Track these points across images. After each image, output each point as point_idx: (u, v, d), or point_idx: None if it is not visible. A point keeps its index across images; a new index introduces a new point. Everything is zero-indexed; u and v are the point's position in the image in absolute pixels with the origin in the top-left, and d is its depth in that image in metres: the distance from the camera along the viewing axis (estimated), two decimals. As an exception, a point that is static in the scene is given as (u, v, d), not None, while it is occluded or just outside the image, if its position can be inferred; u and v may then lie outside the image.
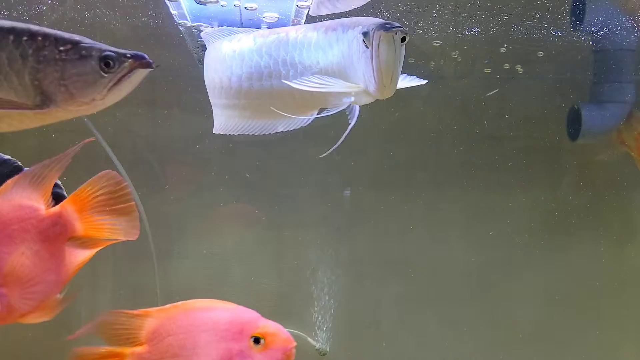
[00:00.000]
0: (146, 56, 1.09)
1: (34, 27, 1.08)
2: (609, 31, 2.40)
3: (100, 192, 1.28)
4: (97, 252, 1.35)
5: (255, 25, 1.77)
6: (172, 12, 1.72)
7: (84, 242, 1.31)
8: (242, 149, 2.56)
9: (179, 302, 1.35)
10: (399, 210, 2.75)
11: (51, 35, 1.08)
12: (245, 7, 1.64)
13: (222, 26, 1.79)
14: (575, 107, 2.58)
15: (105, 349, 1.32)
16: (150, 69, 1.09)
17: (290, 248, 2.72)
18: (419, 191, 2.75)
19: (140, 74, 1.10)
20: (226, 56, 1.40)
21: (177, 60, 2.37)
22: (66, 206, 1.27)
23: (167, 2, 1.66)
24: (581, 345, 2.77)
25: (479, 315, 2.76)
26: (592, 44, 2.50)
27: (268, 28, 1.67)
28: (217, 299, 2.60)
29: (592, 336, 2.77)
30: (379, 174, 2.72)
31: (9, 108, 1.05)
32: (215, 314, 1.36)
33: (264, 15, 1.66)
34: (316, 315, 2.69)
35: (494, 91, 2.69)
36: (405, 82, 1.40)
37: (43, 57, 1.07)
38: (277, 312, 2.66)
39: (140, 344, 1.33)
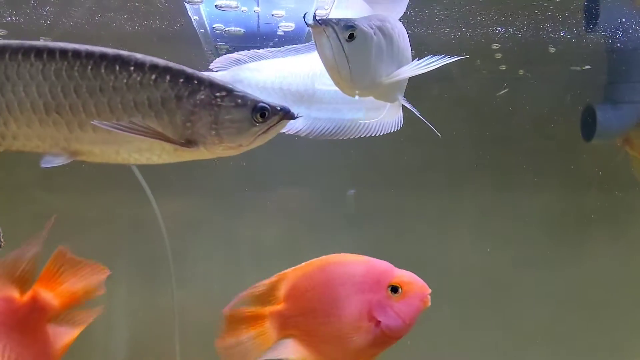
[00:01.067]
0: (291, 109, 1.17)
1: (188, 70, 1.14)
2: (623, 31, 2.40)
3: (63, 268, 1.33)
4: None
5: (272, 30, 1.79)
6: (193, 17, 1.73)
7: (64, 317, 1.33)
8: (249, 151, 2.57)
9: (312, 260, 1.40)
10: (410, 211, 2.76)
11: (205, 79, 1.13)
12: (272, 14, 1.65)
13: (238, 29, 1.81)
14: (590, 107, 2.58)
15: (248, 310, 1.38)
16: (294, 119, 1.19)
17: (302, 251, 2.72)
18: (430, 191, 2.75)
19: (285, 123, 1.17)
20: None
21: (190, 62, 2.37)
22: (37, 289, 1.28)
23: (187, 6, 1.67)
24: (595, 346, 2.76)
25: (491, 316, 2.76)
26: (606, 44, 2.50)
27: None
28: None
29: (606, 337, 2.77)
30: (389, 175, 2.72)
31: (160, 139, 1.10)
32: (350, 267, 1.39)
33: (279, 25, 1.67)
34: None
35: (504, 90, 2.69)
36: (417, 67, 1.36)
37: (199, 101, 1.12)
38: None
39: (279, 303, 1.37)
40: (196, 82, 1.12)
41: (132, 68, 1.09)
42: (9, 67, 1.06)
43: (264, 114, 1.14)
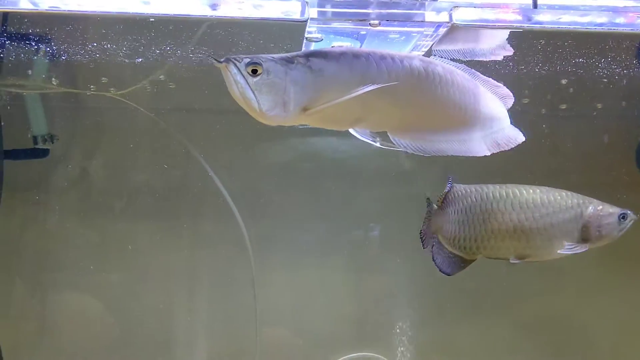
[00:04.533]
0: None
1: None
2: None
3: None
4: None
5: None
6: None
7: None
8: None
9: None
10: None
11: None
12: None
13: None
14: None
15: None
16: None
17: (369, 276, 2.84)
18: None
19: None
20: None
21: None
22: None
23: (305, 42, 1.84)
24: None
25: (553, 344, 2.84)
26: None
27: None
28: (301, 325, 2.74)
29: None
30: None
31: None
32: None
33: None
34: (397, 342, 2.81)
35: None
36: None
37: (590, 211, 1.77)
38: (358, 338, 2.79)
39: None
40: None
41: (557, 196, 1.76)
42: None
43: (625, 217, 1.79)
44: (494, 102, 1.67)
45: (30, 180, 2.57)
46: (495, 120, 1.66)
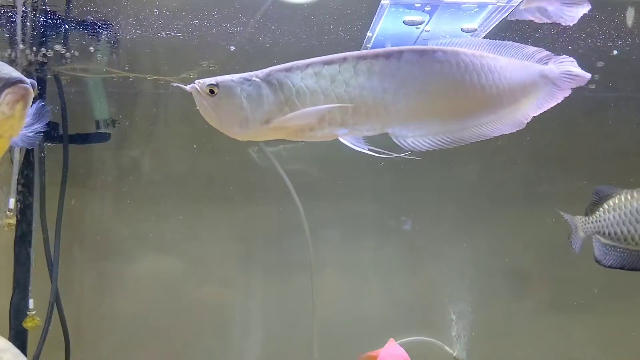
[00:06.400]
0: None
1: None
2: None
3: None
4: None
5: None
6: (368, 34, 1.93)
7: None
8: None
9: None
10: (523, 221, 2.83)
11: None
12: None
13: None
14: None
15: None
16: None
17: (424, 261, 2.84)
18: (544, 205, 2.82)
19: None
20: None
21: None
22: None
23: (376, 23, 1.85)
24: None
25: (611, 326, 2.81)
26: None
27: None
28: (357, 309, 2.75)
29: None
30: (496, 195, 2.81)
31: None
32: None
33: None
34: (452, 326, 2.80)
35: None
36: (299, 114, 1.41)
37: None
38: (413, 321, 2.79)
39: None
40: None
41: None
42: None
43: None
44: (522, 70, 1.48)
45: (90, 163, 2.63)
46: (526, 87, 1.47)
